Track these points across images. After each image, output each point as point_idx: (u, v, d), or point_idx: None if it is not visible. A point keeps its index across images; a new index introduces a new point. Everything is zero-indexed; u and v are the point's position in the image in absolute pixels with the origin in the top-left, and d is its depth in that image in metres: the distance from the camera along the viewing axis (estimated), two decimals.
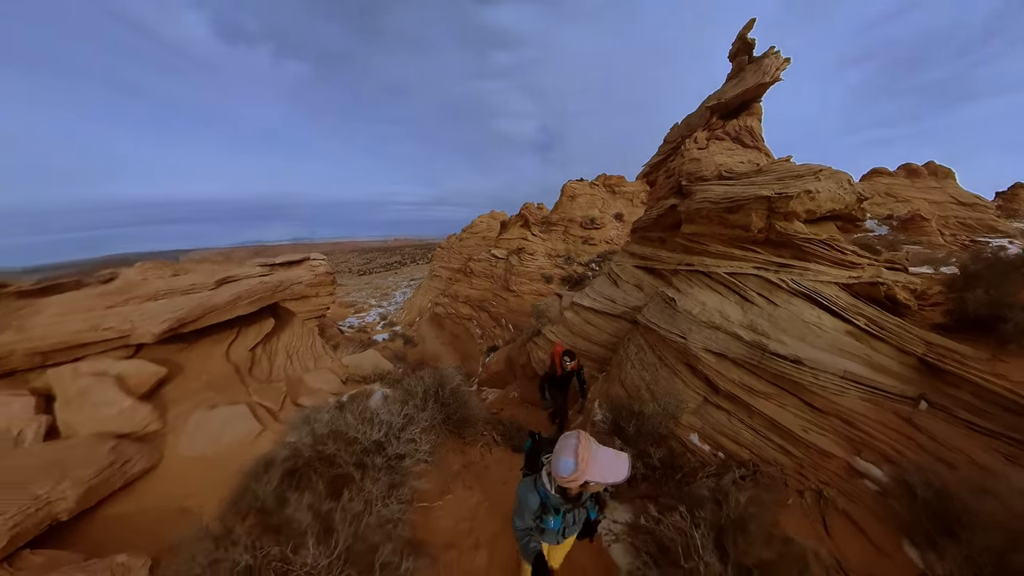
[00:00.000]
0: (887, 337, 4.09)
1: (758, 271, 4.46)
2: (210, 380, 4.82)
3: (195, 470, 3.46)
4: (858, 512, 2.91)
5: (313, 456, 2.74)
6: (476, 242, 40.10)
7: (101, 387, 3.91)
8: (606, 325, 6.56)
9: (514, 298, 24.19)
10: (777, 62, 6.34)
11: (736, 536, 2.02)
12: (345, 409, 3.60)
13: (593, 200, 30.50)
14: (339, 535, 2.10)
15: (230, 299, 5.44)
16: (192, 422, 4.13)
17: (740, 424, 3.68)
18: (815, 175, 4.71)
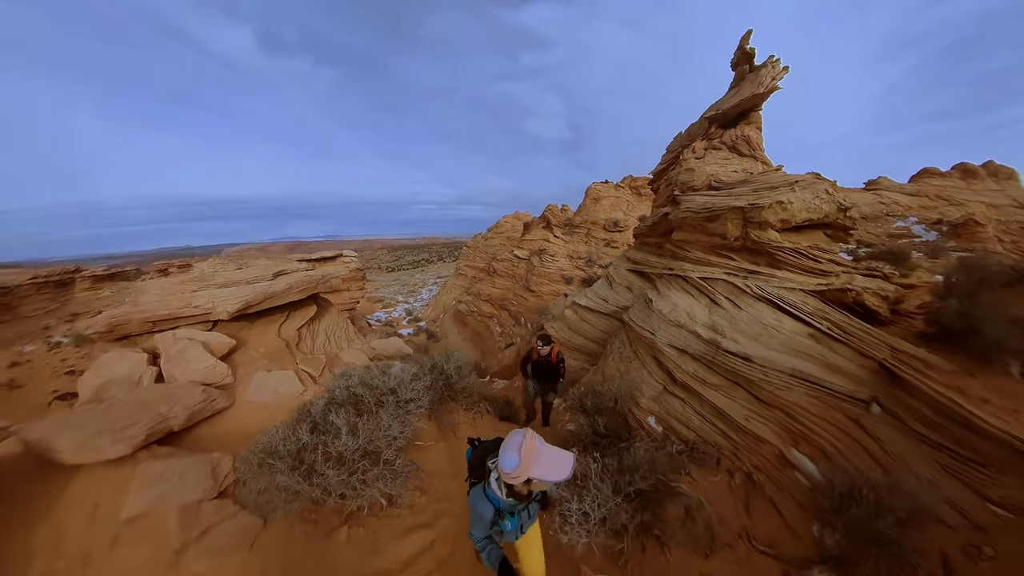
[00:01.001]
0: (849, 341, 4.39)
1: (728, 276, 4.88)
2: (266, 351, 6.13)
3: (258, 411, 4.70)
4: (781, 497, 3.33)
5: (347, 397, 3.83)
6: (500, 242, 41.00)
7: (193, 349, 5.34)
8: (599, 323, 7.09)
9: (534, 298, 24.80)
10: (774, 72, 6.56)
11: (627, 475, 2.60)
12: (371, 368, 4.70)
13: (617, 202, 30.47)
14: (360, 437, 3.23)
15: (284, 288, 6.85)
16: (255, 380, 5.38)
17: (691, 411, 4.16)
18: (791, 186, 5.05)
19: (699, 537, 2.75)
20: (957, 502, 3.01)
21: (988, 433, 3.13)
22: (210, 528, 3.00)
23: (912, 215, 24.28)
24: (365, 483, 3.08)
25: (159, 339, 5.66)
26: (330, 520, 3.12)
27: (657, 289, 5.67)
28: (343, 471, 3.05)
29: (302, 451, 3.12)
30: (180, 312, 6.09)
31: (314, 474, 3.01)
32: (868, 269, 5.46)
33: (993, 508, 2.90)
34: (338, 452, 3.13)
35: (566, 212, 34.50)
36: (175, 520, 2.99)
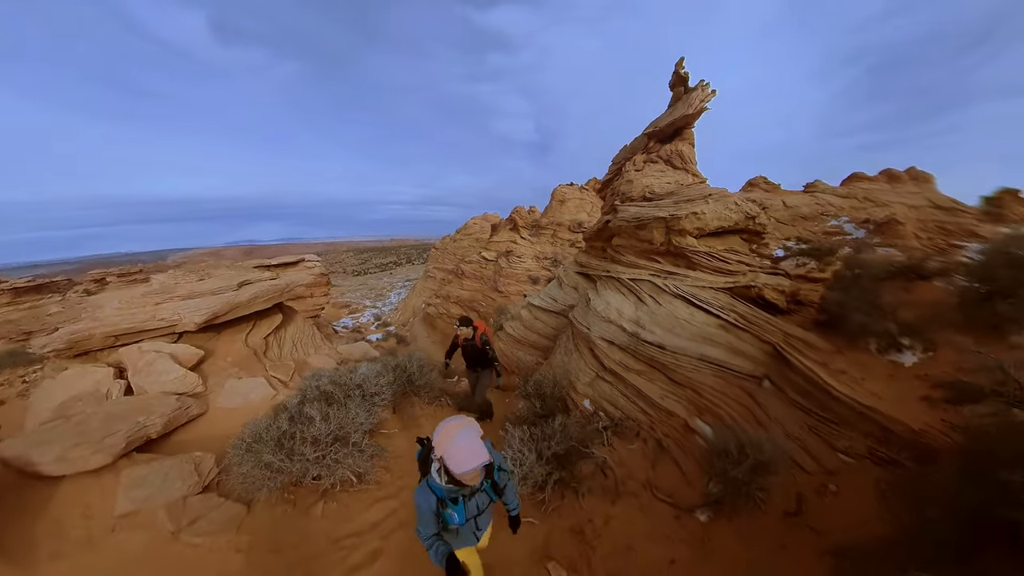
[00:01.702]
0: (751, 329, 5.25)
1: (652, 277, 5.66)
2: (235, 360, 6.35)
3: (232, 415, 4.99)
4: (682, 456, 4.06)
5: (318, 394, 4.30)
6: (469, 243, 41.35)
7: (162, 361, 5.52)
8: (550, 320, 7.77)
9: (502, 298, 25.41)
10: (703, 95, 7.46)
11: (547, 442, 3.24)
12: (340, 369, 5.26)
13: (582, 204, 31.63)
14: (331, 423, 3.76)
15: (250, 298, 6.99)
16: (226, 387, 5.62)
17: (618, 393, 4.88)
18: (705, 199, 5.90)
19: (608, 488, 3.43)
20: (814, 452, 3.83)
21: (838, 397, 3.98)
22: (198, 518, 3.39)
23: (844, 215, 26.88)
24: (337, 462, 3.62)
25: (124, 353, 5.75)
26: (307, 499, 3.61)
27: (596, 289, 6.40)
28: (318, 450, 3.60)
29: (282, 437, 3.64)
30: (145, 325, 6.16)
31: (294, 454, 3.55)
32: (776, 268, 6.43)
33: (840, 456, 3.74)
34: (313, 436, 3.67)
35: (533, 214, 35.39)
36: (164, 514, 3.35)
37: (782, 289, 5.83)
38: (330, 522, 3.50)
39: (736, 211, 5.97)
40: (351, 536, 3.42)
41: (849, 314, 5.04)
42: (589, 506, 3.29)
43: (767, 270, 6.17)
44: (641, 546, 3.06)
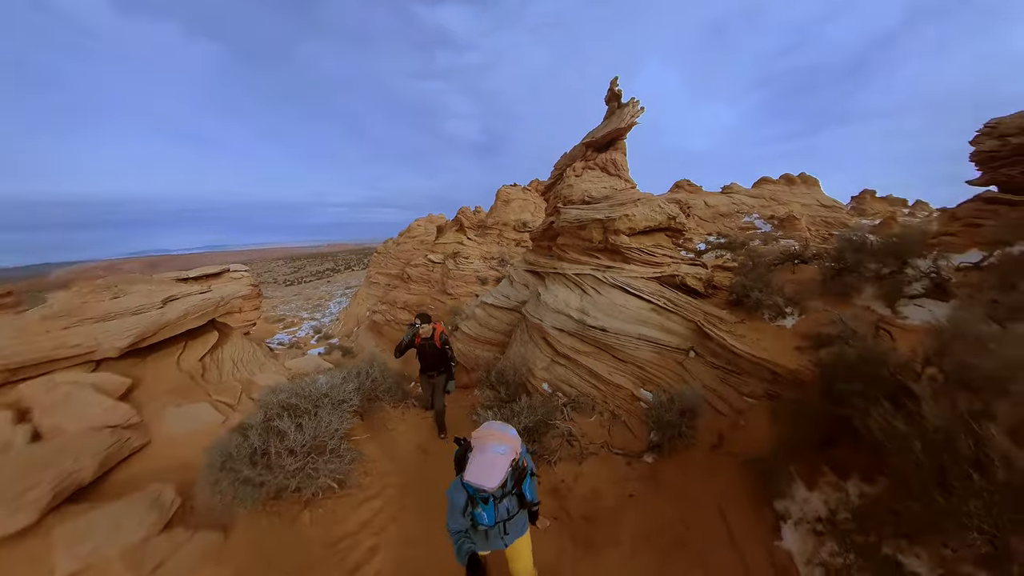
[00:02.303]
0: (677, 311, 6.29)
1: (593, 271, 6.51)
2: (169, 387, 5.77)
3: (181, 443, 4.58)
4: (632, 420, 4.89)
5: (282, 408, 4.24)
6: (414, 246, 40.71)
7: (82, 393, 4.84)
8: (504, 316, 8.38)
9: (451, 301, 25.57)
10: (633, 111, 8.52)
11: (516, 418, 3.82)
12: (299, 381, 5.08)
13: (526, 204, 32.79)
14: (306, 433, 3.79)
15: (179, 315, 6.34)
16: (166, 415, 5.11)
17: (572, 374, 5.62)
18: (634, 203, 6.89)
19: (575, 454, 4.11)
20: (727, 399, 4.82)
21: (741, 355, 5.04)
22: (165, 560, 3.09)
23: (755, 212, 31.01)
24: (317, 470, 3.71)
25: (27, 389, 4.82)
26: (291, 509, 3.63)
27: (545, 285, 7.14)
28: (297, 460, 3.66)
29: (254, 453, 3.62)
30: (54, 354, 5.21)
31: (273, 467, 3.56)
32: (695, 260, 7.65)
33: (745, 398, 4.77)
34: (289, 448, 3.66)
35: (479, 214, 35.88)
36: (120, 565, 2.97)
37: (700, 277, 7.02)
38: (320, 528, 3.55)
39: (660, 213, 7.05)
40: (345, 538, 3.52)
41: (750, 293, 6.31)
42: (561, 471, 3.91)
43: (688, 261, 7.36)
44: (605, 489, 3.77)
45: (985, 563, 1.83)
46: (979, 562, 1.86)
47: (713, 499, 3.29)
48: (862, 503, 2.42)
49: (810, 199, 32.40)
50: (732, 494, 3.25)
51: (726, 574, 2.70)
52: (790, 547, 2.66)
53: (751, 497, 3.13)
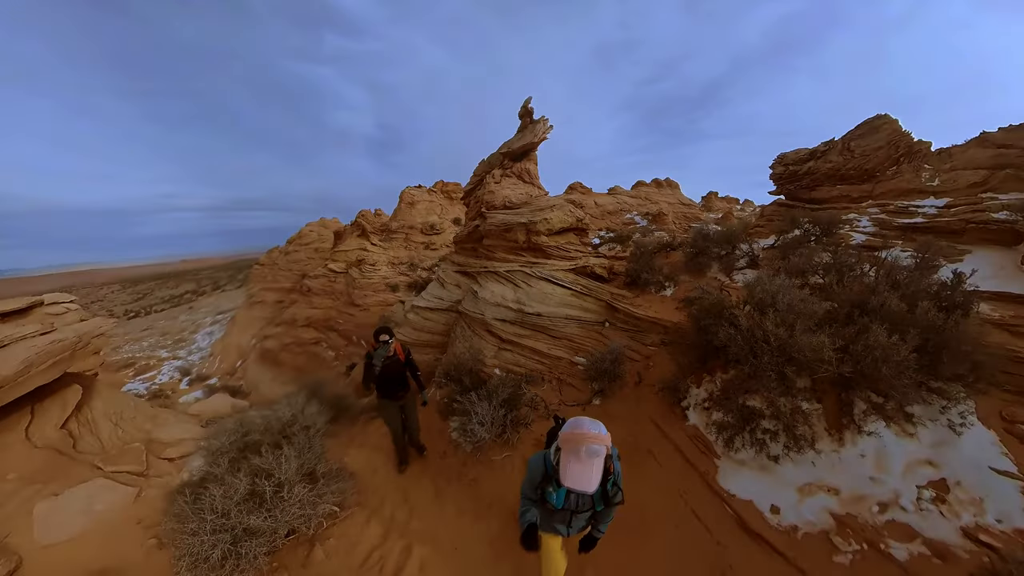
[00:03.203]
0: (592, 293, 7.92)
1: (522, 268, 7.80)
2: (25, 475, 4.23)
3: (77, 546, 3.50)
4: (575, 380, 6.22)
5: (242, 448, 3.92)
6: (308, 255, 37.37)
7: None
8: (440, 318, 9.15)
9: (361, 312, 24.60)
10: (544, 127, 9.97)
11: (492, 397, 4.87)
12: (246, 415, 4.69)
13: (432, 206, 33.03)
14: (291, 463, 3.63)
15: (18, 370, 4.41)
16: (39, 515, 3.82)
17: (519, 356, 6.80)
18: (551, 208, 8.37)
19: (542, 415, 5.27)
20: (637, 349, 6.47)
21: (640, 318, 6.81)
22: None
23: (634, 211, 36.57)
24: (319, 497, 3.54)
25: None
26: (297, 555, 3.30)
27: (479, 283, 8.17)
28: (293, 498, 3.40)
29: (247, 500, 3.27)
30: None
31: (273, 508, 3.28)
32: (597, 252, 9.49)
33: (649, 347, 6.48)
34: (278, 481, 3.45)
35: (380, 217, 34.70)
36: None
37: (604, 266, 8.85)
38: (340, 558, 3.30)
39: (571, 216, 8.68)
40: (372, 553, 3.36)
41: (640, 275, 8.30)
42: (536, 428, 4.96)
43: (594, 255, 9.16)
44: None
45: (780, 390, 3.54)
46: (778, 391, 3.57)
47: (647, 415, 4.80)
48: (723, 383, 4.10)
49: (673, 199, 39.43)
50: (656, 408, 4.80)
51: (665, 451, 4.18)
52: (695, 422, 4.28)
53: (668, 406, 4.71)
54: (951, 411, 3.63)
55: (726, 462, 3.76)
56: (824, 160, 10.28)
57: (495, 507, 3.94)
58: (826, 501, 3.29)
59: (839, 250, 6.99)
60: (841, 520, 3.16)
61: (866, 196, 9.48)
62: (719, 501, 3.48)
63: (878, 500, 3.23)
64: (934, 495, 3.19)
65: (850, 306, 4.31)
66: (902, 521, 3.09)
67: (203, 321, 48.74)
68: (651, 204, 37.32)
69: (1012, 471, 3.24)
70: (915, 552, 2.89)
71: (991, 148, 7.92)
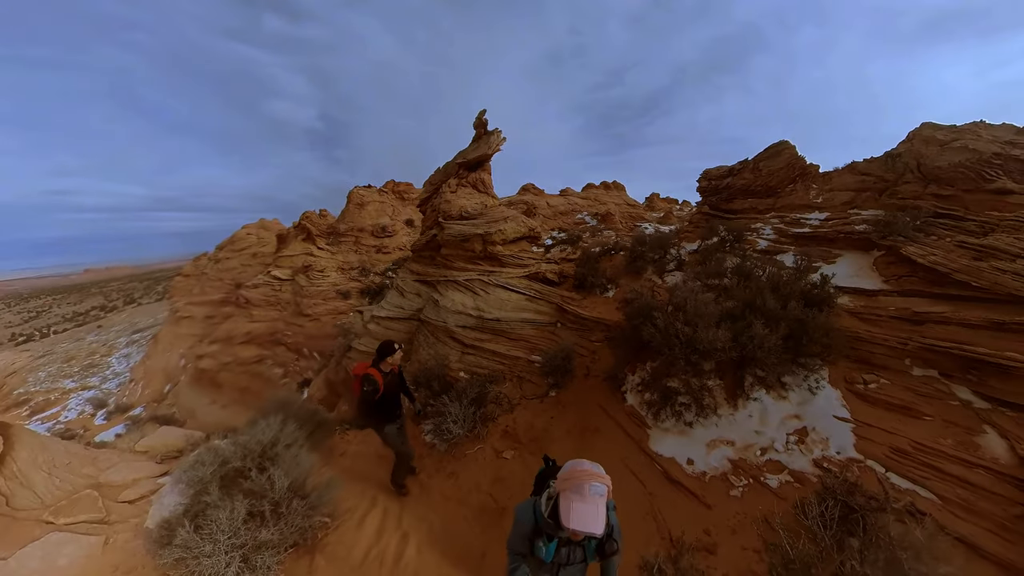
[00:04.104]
0: (544, 297, 8.85)
1: (480, 276, 8.56)
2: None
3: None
4: (533, 377, 7.09)
5: (233, 475, 4.03)
6: (244, 261, 35.19)
7: None
8: (401, 327, 9.66)
9: (311, 322, 23.89)
10: (497, 139, 10.67)
11: (462, 397, 5.59)
12: (216, 445, 4.57)
13: (383, 207, 32.56)
14: (282, 481, 3.83)
15: None
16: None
17: (481, 358, 7.56)
18: (505, 220, 9.19)
19: (506, 408, 6.12)
20: (584, 345, 7.46)
21: (586, 317, 7.84)
22: None
23: (585, 211, 38.60)
24: (312, 508, 3.78)
25: None
26: (300, 566, 3.55)
27: (439, 292, 8.82)
28: (292, 512, 3.67)
29: (244, 522, 3.47)
30: None
31: (278, 520, 3.59)
32: (548, 258, 10.46)
33: (594, 343, 7.49)
34: (274, 501, 3.69)
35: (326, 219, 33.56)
36: None
37: (555, 271, 9.84)
38: (339, 561, 3.57)
39: (523, 226, 9.57)
40: (370, 550, 3.70)
41: (586, 278, 9.38)
42: (503, 421, 5.84)
43: (545, 260, 10.12)
44: (535, 421, 5.84)
45: (692, 373, 4.64)
46: (691, 374, 4.66)
47: (594, 401, 5.82)
48: (651, 370, 5.19)
49: (620, 200, 42.06)
50: (602, 395, 5.83)
51: (608, 428, 5.20)
52: (631, 402, 5.35)
53: (610, 392, 5.76)
54: (810, 379, 4.97)
55: (655, 431, 4.83)
56: (739, 177, 12.07)
57: (474, 492, 4.75)
58: (725, 451, 4.45)
59: (746, 255, 8.52)
60: (735, 464, 4.32)
61: (770, 208, 11.33)
62: (650, 461, 4.52)
63: (760, 446, 4.44)
64: (797, 439, 4.44)
65: (744, 305, 5.58)
66: (775, 460, 4.28)
67: (117, 342, 43.75)
68: (600, 205, 39.65)
69: (847, 417, 4.55)
70: (783, 481, 4.06)
71: (857, 174, 9.96)
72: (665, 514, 4.00)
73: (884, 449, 4.09)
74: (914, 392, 4.58)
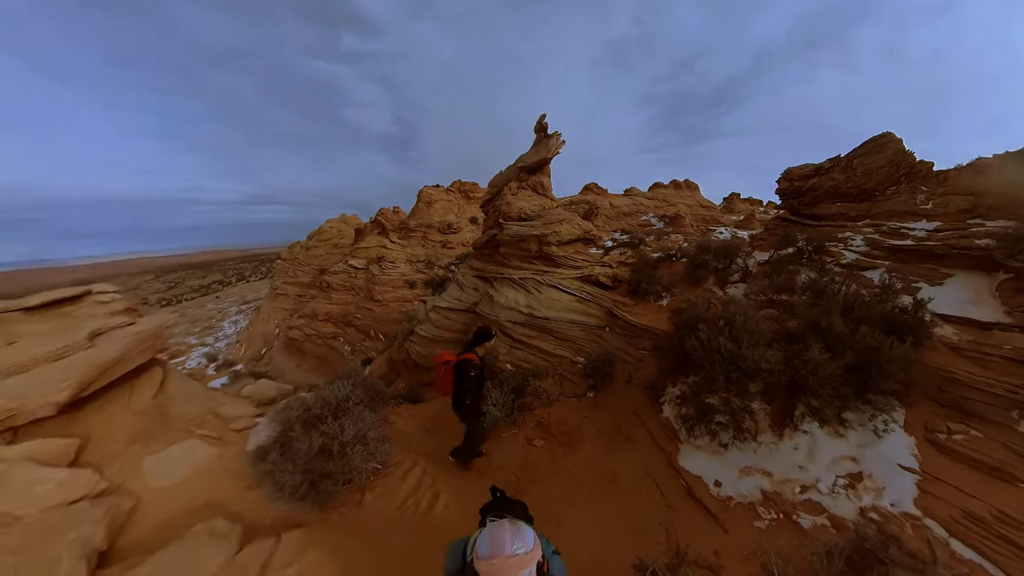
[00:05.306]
0: (595, 300, 8.96)
1: (533, 275, 8.89)
2: (131, 436, 5.07)
3: (182, 489, 4.35)
4: (575, 377, 7.31)
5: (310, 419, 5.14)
6: (327, 251, 39.33)
7: (18, 470, 3.95)
8: (458, 318, 10.34)
9: (380, 308, 26.12)
10: (556, 143, 10.96)
11: (504, 386, 6.02)
12: (300, 395, 6.12)
13: (449, 206, 34.34)
14: (349, 430, 4.79)
15: (121, 353, 5.40)
16: (148, 466, 4.59)
17: (528, 354, 7.93)
18: (560, 222, 9.42)
19: (544, 403, 6.45)
20: (631, 352, 7.50)
21: (636, 325, 7.82)
22: (267, 562, 3.43)
23: (651, 212, 37.05)
24: (371, 454, 4.67)
25: None
26: (352, 498, 4.37)
27: (495, 288, 9.31)
28: (352, 456, 4.54)
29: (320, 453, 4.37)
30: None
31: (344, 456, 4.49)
32: (603, 261, 10.49)
33: (640, 350, 7.49)
34: (341, 443, 4.57)
35: (399, 215, 36.24)
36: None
37: (608, 275, 9.86)
38: (383, 502, 4.34)
39: (579, 228, 9.72)
40: (407, 499, 4.40)
41: (640, 284, 9.27)
42: (538, 413, 6.20)
43: (600, 263, 10.17)
44: (569, 418, 6.11)
45: (735, 392, 4.57)
46: (734, 392, 4.59)
47: (630, 407, 5.89)
48: (692, 385, 5.13)
49: (692, 200, 39.67)
50: (639, 402, 5.89)
51: (640, 436, 5.28)
52: (668, 415, 5.35)
53: (648, 401, 5.79)
54: (878, 419, 4.47)
55: (686, 446, 4.79)
56: (827, 177, 10.89)
57: (502, 471, 5.21)
58: (759, 481, 4.28)
59: (824, 269, 7.82)
60: (768, 496, 4.13)
61: (864, 215, 10.10)
62: (675, 474, 4.52)
63: (801, 483, 4.17)
64: (847, 483, 4.07)
65: (806, 326, 5.25)
66: (815, 501, 3.99)
67: (229, 310, 52.09)
68: (668, 206, 37.72)
69: (915, 468, 4.06)
70: (818, 523, 3.80)
71: (982, 175, 8.54)
72: (678, 527, 3.99)
73: (953, 511, 3.59)
74: (1012, 451, 3.89)
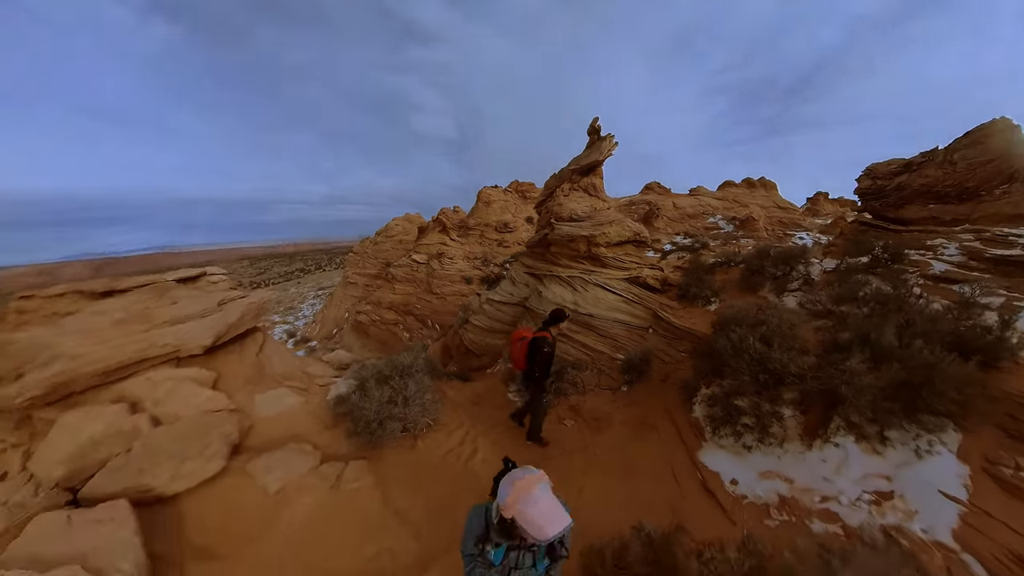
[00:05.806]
0: (641, 301, 9.15)
1: (581, 274, 9.29)
2: (244, 379, 6.51)
3: (279, 421, 5.60)
4: (612, 371, 7.65)
5: (381, 377, 6.29)
6: (392, 246, 42.43)
7: (183, 386, 5.51)
8: (510, 311, 11.03)
9: (437, 300, 27.87)
10: (609, 145, 11.21)
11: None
12: (371, 359, 7.32)
13: (506, 206, 35.40)
14: (412, 388, 5.90)
15: (239, 317, 7.14)
16: (257, 401, 5.99)
17: (569, 347, 8.39)
18: (610, 223, 9.71)
19: (580, 390, 6.93)
20: (670, 354, 7.65)
21: (679, 327, 7.92)
22: (340, 475, 4.55)
23: (719, 214, 35.01)
24: (425, 409, 5.70)
25: (130, 387, 5.55)
26: (406, 442, 5.37)
27: (544, 284, 9.85)
28: (412, 408, 5.60)
29: (389, 401, 5.51)
30: (145, 354, 5.78)
31: (408, 404, 5.60)
32: (652, 264, 10.57)
33: (680, 352, 7.60)
34: (405, 397, 5.69)
35: (459, 214, 38.05)
36: (311, 481, 4.32)
37: (657, 278, 9.95)
38: (430, 451, 5.24)
39: (628, 231, 9.93)
40: (451, 451, 5.26)
41: (690, 288, 9.25)
42: (574, 400, 6.71)
43: (649, 266, 10.28)
44: (601, 407, 6.53)
45: (766, 396, 4.70)
46: (765, 397, 4.73)
47: (661, 403, 6.17)
48: (725, 387, 5.29)
49: (768, 201, 36.81)
50: (671, 400, 6.13)
51: (666, 429, 5.56)
52: (697, 414, 5.55)
53: (680, 400, 6.01)
54: (922, 439, 4.20)
55: (710, 444, 4.97)
56: (919, 173, 9.75)
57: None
58: (779, 486, 4.31)
59: (900, 280, 7.28)
60: (785, 500, 4.15)
61: (962, 219, 9.01)
62: (694, 468, 4.74)
63: (823, 494, 4.11)
64: (873, 499, 3.91)
65: (856, 336, 5.13)
66: (833, 511, 3.92)
67: (307, 294, 58.85)
68: (739, 207, 35.33)
69: (961, 498, 3.73)
70: (831, 530, 3.75)
71: None
72: (686, 512, 4.19)
73: (997, 549, 3.31)
74: None
